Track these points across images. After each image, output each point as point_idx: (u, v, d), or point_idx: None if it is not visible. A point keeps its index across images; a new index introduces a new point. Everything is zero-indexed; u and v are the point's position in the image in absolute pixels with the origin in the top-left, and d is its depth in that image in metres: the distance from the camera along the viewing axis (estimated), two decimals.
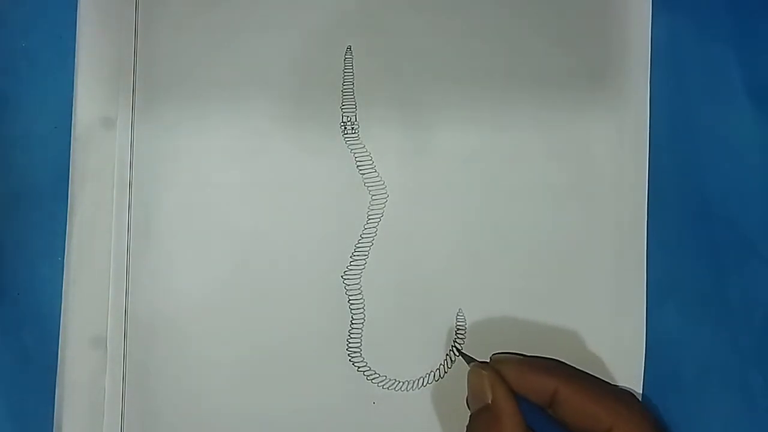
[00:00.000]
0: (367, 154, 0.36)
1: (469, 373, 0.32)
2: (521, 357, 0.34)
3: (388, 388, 0.35)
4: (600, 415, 0.30)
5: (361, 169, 0.36)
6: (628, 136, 0.35)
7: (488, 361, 0.33)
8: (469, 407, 0.32)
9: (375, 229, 0.35)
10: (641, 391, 0.34)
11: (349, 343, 0.35)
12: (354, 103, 0.36)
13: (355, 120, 0.36)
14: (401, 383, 0.35)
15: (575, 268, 0.35)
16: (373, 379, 0.35)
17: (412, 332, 0.35)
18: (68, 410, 0.35)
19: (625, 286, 0.35)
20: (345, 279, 0.35)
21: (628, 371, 0.34)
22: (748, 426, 0.34)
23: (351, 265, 0.35)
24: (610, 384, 0.34)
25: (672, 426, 0.34)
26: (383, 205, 0.35)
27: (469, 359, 0.33)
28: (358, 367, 0.35)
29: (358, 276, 0.35)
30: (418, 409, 0.35)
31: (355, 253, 0.35)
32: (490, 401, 0.31)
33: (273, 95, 0.36)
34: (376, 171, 0.36)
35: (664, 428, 0.33)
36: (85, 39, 0.36)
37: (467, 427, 0.32)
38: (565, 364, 0.33)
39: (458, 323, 0.35)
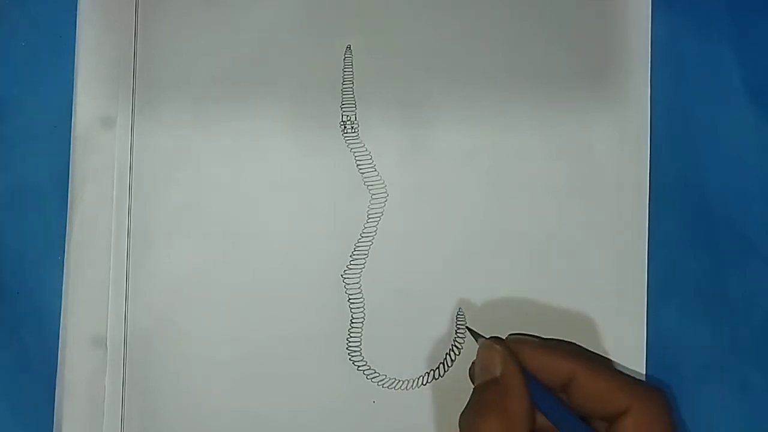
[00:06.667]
0: (367, 153, 0.36)
1: (480, 346, 0.32)
2: (539, 339, 0.34)
3: (387, 387, 0.35)
4: (618, 397, 0.30)
5: (360, 169, 0.36)
6: (629, 135, 0.35)
7: (502, 338, 0.33)
8: (472, 380, 0.32)
9: (375, 229, 0.35)
10: None
11: (349, 342, 0.35)
12: (354, 102, 0.36)
13: (355, 119, 0.36)
14: (401, 382, 0.35)
15: (575, 267, 0.35)
16: (373, 378, 0.35)
17: (412, 331, 0.35)
18: (68, 410, 0.35)
19: (626, 285, 0.35)
20: (345, 278, 0.35)
21: (628, 370, 0.34)
22: (748, 424, 0.34)
23: (351, 264, 0.35)
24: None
25: None
26: (383, 205, 0.35)
27: (476, 335, 0.33)
28: (358, 366, 0.35)
29: (358, 275, 0.35)
30: (418, 409, 0.35)
31: (355, 252, 0.35)
32: (499, 375, 0.30)
33: (273, 95, 0.36)
34: (375, 170, 0.36)
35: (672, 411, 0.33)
36: (85, 39, 0.36)
37: (470, 398, 0.31)
38: (582, 348, 0.34)
39: (458, 322, 0.35)
